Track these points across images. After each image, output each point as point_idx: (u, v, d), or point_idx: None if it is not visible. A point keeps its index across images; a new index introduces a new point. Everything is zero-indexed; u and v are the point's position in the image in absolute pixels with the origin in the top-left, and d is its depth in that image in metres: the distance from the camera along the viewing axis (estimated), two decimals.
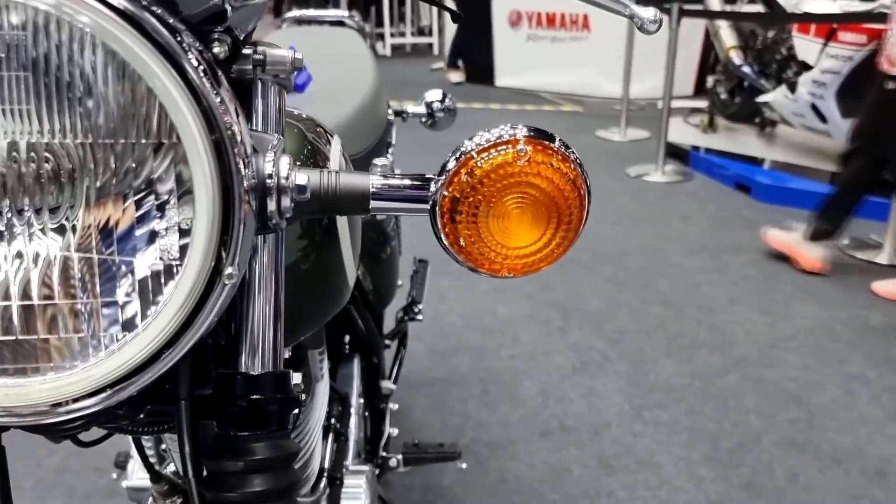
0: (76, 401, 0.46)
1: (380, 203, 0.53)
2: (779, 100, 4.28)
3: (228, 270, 0.46)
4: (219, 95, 0.45)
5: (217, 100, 0.44)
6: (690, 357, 2.40)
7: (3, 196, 0.44)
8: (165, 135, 0.44)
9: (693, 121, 5.21)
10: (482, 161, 0.50)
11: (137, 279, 0.46)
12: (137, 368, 0.47)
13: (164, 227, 0.46)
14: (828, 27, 3.83)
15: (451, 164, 0.51)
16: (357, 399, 1.26)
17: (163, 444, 0.90)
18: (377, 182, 0.53)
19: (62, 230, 0.45)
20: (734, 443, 1.98)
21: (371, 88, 1.32)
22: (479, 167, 0.50)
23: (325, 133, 0.76)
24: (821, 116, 3.96)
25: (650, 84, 5.56)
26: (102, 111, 0.43)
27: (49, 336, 0.46)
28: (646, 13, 0.68)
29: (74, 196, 0.45)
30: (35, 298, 0.45)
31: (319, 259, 0.71)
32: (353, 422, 1.18)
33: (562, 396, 2.19)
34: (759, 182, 3.97)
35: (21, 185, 0.44)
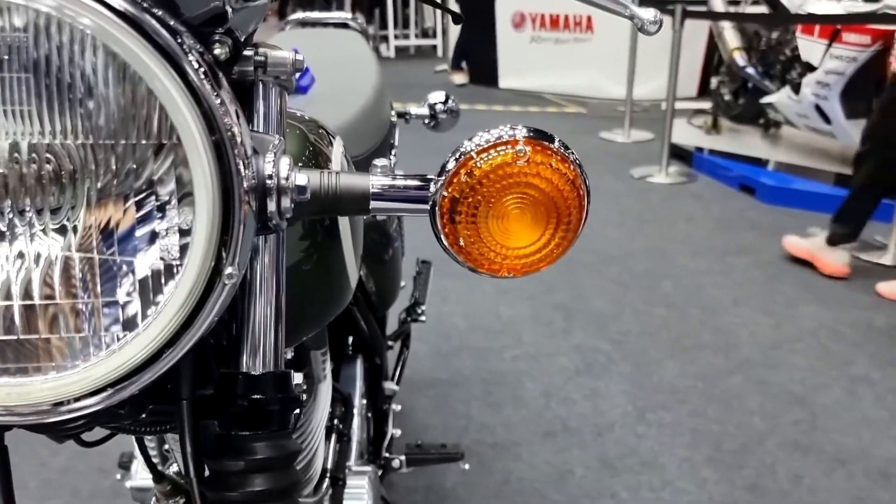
0: (77, 400, 0.47)
1: (380, 203, 0.54)
2: (783, 101, 4.27)
3: (228, 270, 0.46)
4: (219, 97, 0.45)
5: (217, 101, 0.45)
6: (694, 358, 2.40)
7: (5, 197, 0.44)
8: (166, 136, 0.44)
9: (697, 122, 5.20)
10: (482, 161, 0.50)
11: (138, 279, 0.46)
12: (138, 368, 0.47)
13: (165, 228, 0.46)
14: (832, 28, 3.82)
15: (451, 165, 0.51)
16: (360, 400, 1.26)
17: (165, 445, 0.91)
18: (377, 182, 0.54)
19: (63, 230, 0.45)
20: (738, 444, 1.97)
21: (374, 90, 1.32)
22: (479, 167, 0.50)
23: (328, 134, 0.76)
24: (825, 117, 3.95)
25: (654, 85, 5.56)
26: (103, 112, 0.44)
27: (50, 335, 0.46)
28: (646, 14, 0.68)
29: (76, 197, 0.45)
30: (36, 298, 0.46)
31: (321, 260, 0.71)
32: (356, 422, 1.18)
33: (565, 398, 2.19)
34: (764, 183, 3.97)
35: (22, 186, 0.44)
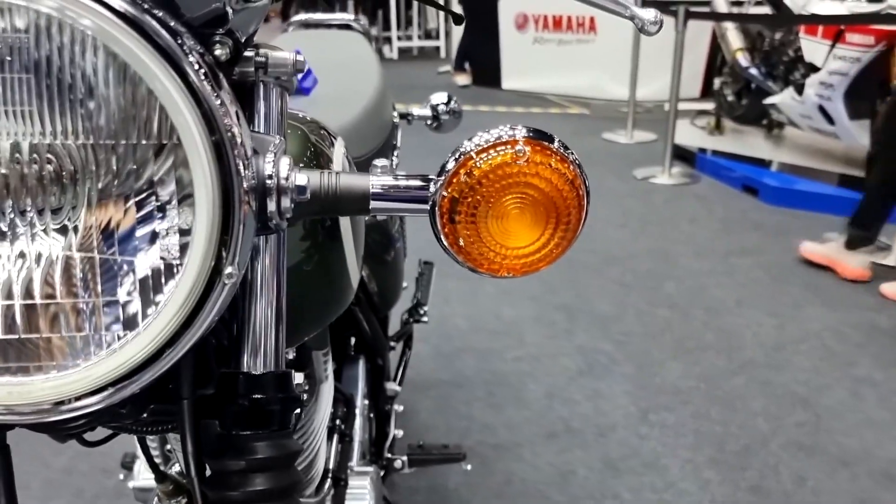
0: (78, 399, 0.47)
1: (380, 203, 0.54)
2: (786, 101, 4.27)
3: (228, 270, 0.47)
4: (219, 97, 0.45)
5: (217, 102, 0.45)
6: (697, 359, 2.40)
7: (6, 197, 0.45)
8: (166, 136, 0.45)
9: (700, 123, 5.20)
10: (481, 161, 0.50)
11: (138, 278, 0.47)
12: (139, 367, 0.47)
13: (166, 228, 0.46)
14: (835, 29, 3.82)
15: (451, 165, 0.51)
16: (362, 400, 1.26)
17: (168, 445, 0.91)
18: (377, 183, 0.54)
19: (64, 230, 0.46)
20: (741, 445, 1.97)
21: (376, 91, 1.32)
22: (478, 167, 0.50)
23: (329, 135, 0.76)
24: (828, 118, 3.95)
25: (657, 86, 5.55)
26: (104, 113, 0.44)
27: (51, 335, 0.46)
28: (646, 14, 0.68)
29: (76, 197, 0.45)
30: (37, 297, 0.46)
31: (322, 260, 0.71)
32: (358, 423, 1.19)
33: (567, 399, 2.18)
34: (767, 184, 3.96)
35: (24, 186, 0.45)
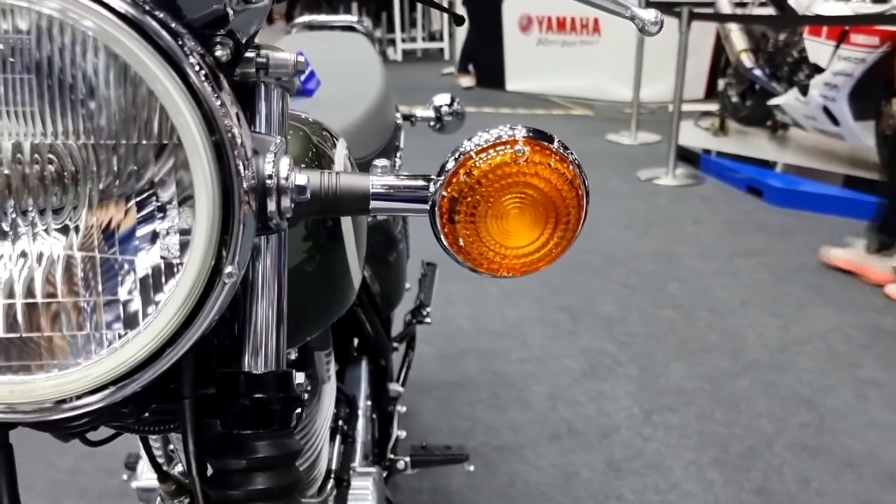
0: (80, 398, 0.47)
1: (380, 203, 0.54)
2: (790, 102, 4.26)
3: (228, 269, 0.47)
4: (219, 98, 0.45)
5: (217, 103, 0.45)
6: (701, 361, 2.39)
7: (8, 197, 0.45)
8: (166, 136, 0.45)
9: (704, 124, 5.19)
10: (481, 161, 0.50)
11: (139, 277, 0.47)
12: (140, 366, 0.47)
13: (166, 228, 0.46)
14: (840, 29, 3.81)
15: (450, 165, 0.51)
16: (365, 401, 1.26)
17: (170, 445, 0.91)
18: (377, 182, 0.54)
19: (65, 230, 0.46)
20: (745, 447, 1.97)
21: (379, 93, 1.33)
22: (478, 167, 0.50)
23: (331, 136, 0.76)
24: (833, 119, 3.94)
25: (661, 87, 5.54)
26: (105, 113, 0.44)
27: (52, 333, 0.47)
28: (647, 15, 0.68)
29: (78, 197, 0.46)
30: (39, 296, 0.46)
31: (324, 261, 0.71)
32: (361, 424, 1.19)
33: (571, 400, 2.18)
34: (771, 185, 3.95)
35: (25, 187, 0.45)
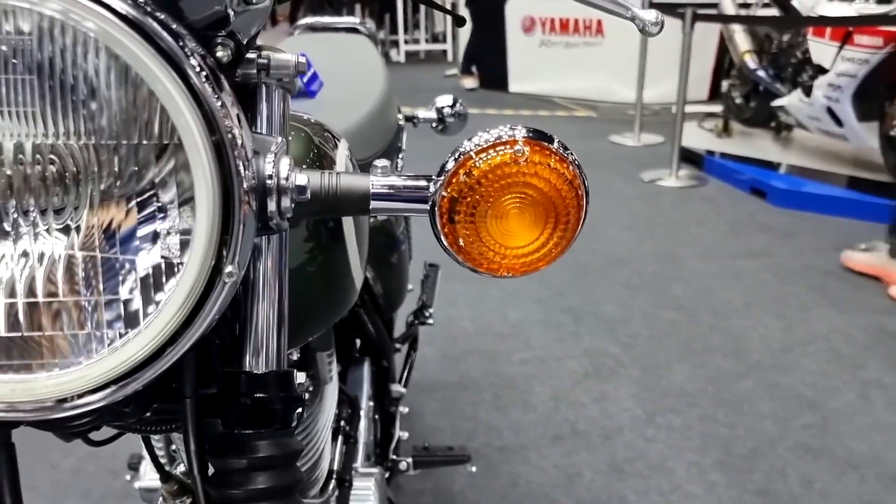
0: (81, 396, 0.47)
1: (380, 203, 0.54)
2: (794, 104, 4.25)
3: (228, 269, 0.47)
4: (220, 99, 0.46)
5: (218, 103, 0.45)
6: (704, 362, 2.39)
7: (10, 197, 0.45)
8: (167, 136, 0.45)
9: (708, 125, 5.18)
10: (480, 161, 0.51)
11: (140, 277, 0.47)
12: (141, 365, 0.48)
13: (167, 229, 0.47)
14: (843, 30, 3.80)
15: (450, 165, 0.52)
16: (367, 402, 1.27)
17: (173, 445, 0.92)
18: (377, 183, 0.54)
19: (67, 230, 0.46)
20: (748, 448, 1.96)
21: (381, 94, 1.33)
22: (478, 167, 0.51)
23: (333, 137, 0.77)
24: (837, 120, 3.93)
25: (664, 89, 5.54)
26: (105, 113, 0.45)
27: (53, 332, 0.47)
28: (648, 16, 0.68)
29: (79, 198, 0.46)
30: (40, 296, 0.47)
31: (325, 261, 0.72)
32: (363, 424, 1.19)
33: (574, 401, 2.18)
34: (775, 186, 3.94)
35: (27, 187, 0.45)
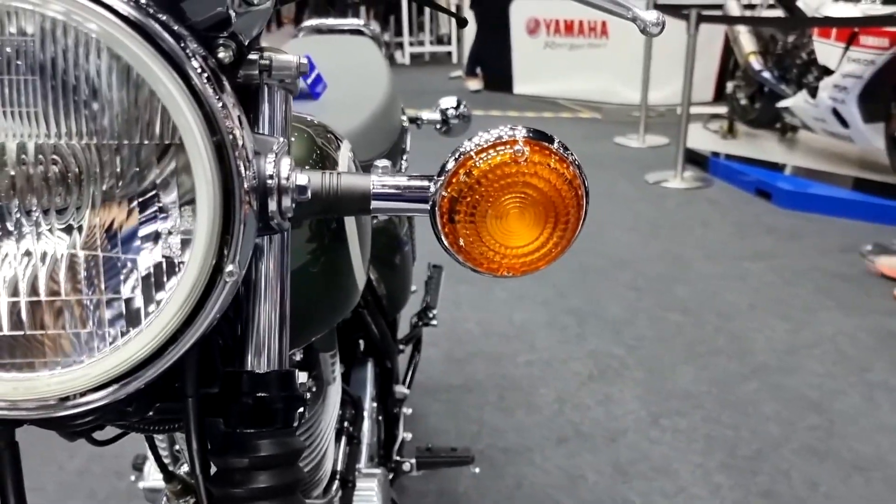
0: (83, 395, 0.48)
1: (381, 203, 0.54)
2: (799, 105, 4.24)
3: (229, 268, 0.47)
4: (221, 100, 0.46)
5: (219, 104, 0.46)
6: (709, 364, 2.38)
7: (12, 197, 0.46)
8: (168, 137, 0.45)
9: (713, 127, 5.17)
10: (480, 161, 0.51)
11: (141, 276, 0.47)
12: (142, 363, 0.48)
13: (168, 229, 0.47)
14: (849, 31, 3.79)
15: (451, 165, 0.52)
16: (370, 403, 1.27)
17: (176, 445, 0.92)
18: (378, 183, 0.54)
19: (69, 230, 0.47)
20: (752, 450, 1.96)
21: (385, 96, 1.33)
22: (478, 167, 0.51)
23: (336, 138, 0.77)
24: (842, 121, 3.92)
25: (669, 90, 5.53)
26: (107, 114, 0.45)
27: (56, 331, 0.47)
28: (648, 16, 0.68)
29: (81, 199, 0.46)
30: (42, 294, 0.47)
31: (328, 262, 0.72)
32: (367, 425, 1.19)
33: (578, 403, 2.18)
34: (780, 188, 3.93)
35: (29, 187, 0.46)
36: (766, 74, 4.58)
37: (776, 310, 2.74)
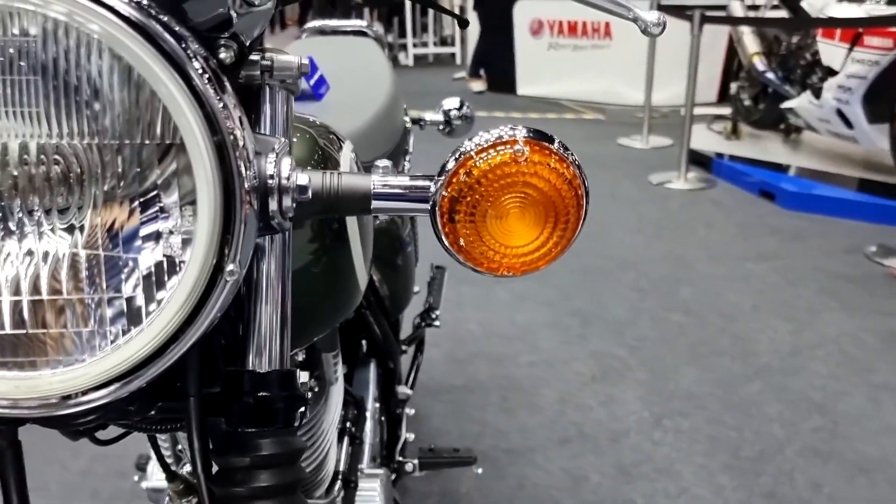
0: (85, 393, 0.48)
1: (381, 203, 0.55)
2: (804, 106, 4.24)
3: (230, 267, 0.48)
4: (222, 100, 0.46)
5: (220, 105, 0.46)
6: (712, 365, 2.38)
7: (14, 196, 0.46)
8: (169, 137, 0.46)
9: (716, 127, 5.17)
10: (481, 161, 0.51)
11: (142, 275, 0.48)
12: (144, 362, 0.48)
13: (169, 228, 0.47)
14: (853, 32, 3.78)
15: (451, 165, 0.52)
16: (373, 403, 1.27)
17: (178, 445, 0.92)
18: (378, 182, 0.54)
19: (71, 230, 0.47)
20: (756, 451, 1.95)
21: (388, 97, 1.34)
22: (478, 167, 0.51)
23: (338, 139, 0.77)
24: (847, 122, 3.91)
25: (673, 91, 5.52)
26: (109, 114, 0.45)
27: (57, 330, 0.48)
28: (649, 17, 0.68)
29: (83, 199, 0.47)
30: (44, 293, 0.47)
31: (330, 262, 0.72)
32: (369, 426, 1.19)
33: (581, 404, 2.18)
34: (784, 189, 3.93)
35: (31, 187, 0.46)
36: (770, 75, 4.58)
37: (780, 311, 2.74)
